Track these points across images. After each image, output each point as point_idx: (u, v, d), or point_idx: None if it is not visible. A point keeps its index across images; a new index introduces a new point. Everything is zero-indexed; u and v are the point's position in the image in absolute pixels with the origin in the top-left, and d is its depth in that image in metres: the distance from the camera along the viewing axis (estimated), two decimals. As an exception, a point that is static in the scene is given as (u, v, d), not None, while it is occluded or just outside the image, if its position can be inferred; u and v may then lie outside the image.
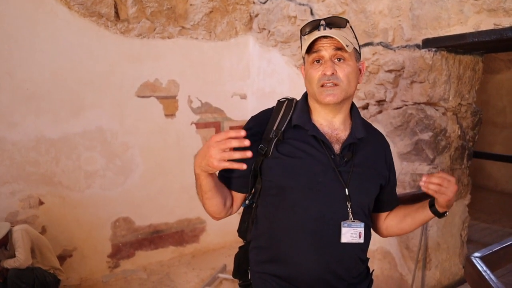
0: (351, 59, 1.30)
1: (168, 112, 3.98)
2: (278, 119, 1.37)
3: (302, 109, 1.38)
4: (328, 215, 1.30)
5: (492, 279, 1.48)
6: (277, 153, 1.32)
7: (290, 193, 1.32)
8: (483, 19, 2.35)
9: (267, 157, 1.34)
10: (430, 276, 3.03)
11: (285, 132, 1.35)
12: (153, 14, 3.75)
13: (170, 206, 4.11)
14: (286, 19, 3.82)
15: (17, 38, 3.20)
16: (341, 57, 1.28)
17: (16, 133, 3.28)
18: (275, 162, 1.33)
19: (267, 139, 1.34)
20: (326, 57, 1.28)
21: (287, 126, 1.36)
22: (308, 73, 1.33)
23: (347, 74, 1.28)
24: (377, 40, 3.00)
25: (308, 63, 1.33)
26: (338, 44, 1.26)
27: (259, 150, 1.34)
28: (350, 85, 1.30)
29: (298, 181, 1.30)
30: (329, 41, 1.27)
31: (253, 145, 1.32)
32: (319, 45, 1.28)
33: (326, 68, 1.27)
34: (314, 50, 1.29)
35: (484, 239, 4.40)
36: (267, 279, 1.38)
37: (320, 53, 1.28)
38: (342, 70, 1.28)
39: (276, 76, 4.11)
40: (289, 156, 1.32)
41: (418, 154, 2.87)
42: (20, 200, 3.35)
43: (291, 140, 1.34)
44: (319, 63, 1.29)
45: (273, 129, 1.35)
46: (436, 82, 2.75)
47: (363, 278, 1.43)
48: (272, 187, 1.35)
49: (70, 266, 3.63)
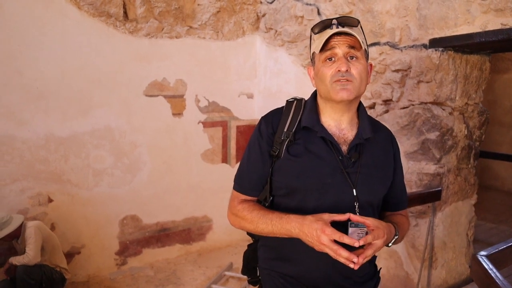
0: (362, 57, 1.31)
1: (175, 111, 4.01)
2: (288, 120, 1.38)
3: (311, 110, 1.39)
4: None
5: (498, 277, 1.49)
6: (288, 154, 1.34)
7: (298, 194, 1.33)
8: (490, 19, 2.35)
9: (279, 158, 1.35)
10: (436, 275, 3.03)
11: (295, 134, 1.36)
12: (161, 14, 3.78)
13: (177, 204, 4.14)
14: (293, 19, 3.83)
15: (26, 38, 3.24)
16: (354, 56, 1.28)
17: (26, 131, 3.32)
18: (286, 163, 1.34)
19: (279, 141, 1.35)
20: (340, 54, 1.28)
21: (297, 127, 1.37)
22: (320, 71, 1.32)
23: (359, 72, 1.28)
24: (384, 40, 3.01)
25: (320, 62, 1.32)
26: (351, 42, 1.27)
27: (271, 152, 1.36)
28: (362, 84, 1.31)
29: (307, 182, 1.32)
30: (343, 38, 1.27)
31: (268, 148, 1.38)
32: (332, 43, 1.28)
33: (341, 65, 1.26)
34: (327, 48, 1.29)
35: (490, 239, 4.39)
36: (275, 276, 1.40)
37: (334, 51, 1.28)
38: (355, 68, 1.28)
39: (283, 76, 4.13)
40: (299, 158, 1.33)
41: (424, 153, 2.88)
42: (29, 198, 3.39)
43: (301, 141, 1.35)
44: (332, 61, 1.29)
45: (284, 130, 1.36)
46: (443, 81, 2.75)
47: (370, 277, 1.44)
48: (281, 188, 1.37)
49: (78, 263, 3.67)
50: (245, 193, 1.44)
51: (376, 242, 1.21)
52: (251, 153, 1.43)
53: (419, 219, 2.95)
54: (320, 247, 1.20)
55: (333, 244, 1.17)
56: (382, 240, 1.23)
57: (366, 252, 1.19)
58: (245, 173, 1.44)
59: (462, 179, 3.08)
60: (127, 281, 3.70)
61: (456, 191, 3.04)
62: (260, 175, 1.41)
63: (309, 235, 1.21)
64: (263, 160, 1.39)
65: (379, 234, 1.22)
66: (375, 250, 1.22)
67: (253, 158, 1.42)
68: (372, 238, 1.20)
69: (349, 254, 1.15)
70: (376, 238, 1.21)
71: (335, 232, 1.17)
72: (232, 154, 4.42)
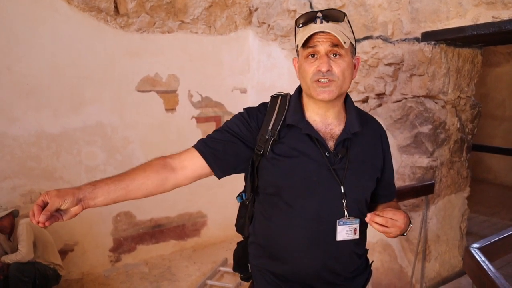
0: (347, 54, 1.26)
1: (168, 107, 3.99)
2: (273, 118, 1.34)
3: (295, 106, 1.36)
4: (323, 214, 1.30)
5: (490, 269, 1.50)
6: (273, 153, 1.31)
7: (286, 192, 1.32)
8: (482, 12, 2.35)
9: (264, 156, 1.33)
10: (430, 268, 3.05)
11: (280, 132, 1.33)
12: (152, 9, 3.75)
13: (171, 200, 4.12)
14: (286, 13, 3.81)
15: (16, 33, 3.20)
16: (337, 53, 1.24)
17: (16, 128, 3.29)
18: (271, 162, 1.32)
19: (263, 140, 1.32)
20: (322, 52, 1.24)
21: (282, 125, 1.33)
22: (302, 67, 1.29)
23: (342, 70, 1.25)
24: (376, 33, 3.00)
25: (302, 57, 1.29)
26: (334, 40, 1.22)
27: (256, 151, 1.33)
28: (345, 81, 1.27)
29: (294, 181, 1.30)
30: (326, 36, 1.23)
31: (250, 140, 1.34)
32: (315, 40, 1.24)
33: (321, 64, 1.23)
34: (309, 45, 1.25)
35: (483, 231, 4.42)
36: (265, 273, 1.40)
37: (316, 48, 1.24)
38: (338, 66, 1.24)
39: (276, 70, 4.11)
40: (285, 156, 1.31)
41: (417, 147, 2.89)
42: (21, 195, 3.36)
43: (286, 140, 1.32)
44: (314, 58, 1.26)
45: (269, 129, 1.32)
46: (435, 75, 2.75)
47: (361, 272, 1.43)
48: (268, 187, 1.36)
49: (71, 261, 3.66)
50: (200, 150, 1.33)
51: (398, 219, 1.22)
52: (227, 127, 1.37)
53: (413, 212, 2.97)
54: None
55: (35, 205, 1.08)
56: (402, 217, 1.24)
57: (385, 214, 1.22)
58: (215, 138, 1.35)
59: (455, 172, 3.09)
60: (122, 278, 3.70)
61: (449, 184, 3.06)
62: (225, 147, 1.32)
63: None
64: (233, 139, 1.33)
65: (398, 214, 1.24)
66: (392, 222, 1.22)
67: (227, 131, 1.35)
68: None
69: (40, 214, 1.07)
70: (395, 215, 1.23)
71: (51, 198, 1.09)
72: (226, 149, 4.40)
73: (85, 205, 1.16)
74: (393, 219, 1.22)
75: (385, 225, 1.22)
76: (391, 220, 1.22)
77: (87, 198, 1.16)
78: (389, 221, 1.22)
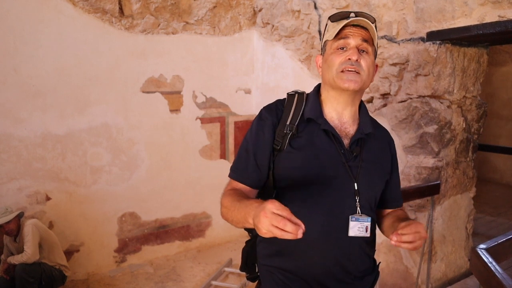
0: (372, 54, 1.33)
1: (173, 108, 4.00)
2: (291, 113, 1.38)
3: (314, 102, 1.39)
4: (337, 209, 1.31)
5: (497, 270, 1.49)
6: (290, 147, 1.33)
7: (300, 185, 1.32)
8: (488, 11, 2.34)
9: (281, 151, 1.34)
10: (436, 268, 3.04)
11: (298, 126, 1.35)
12: (157, 10, 3.76)
13: (176, 201, 4.13)
14: (290, 13, 3.81)
15: (22, 35, 3.22)
16: (365, 49, 1.30)
17: (22, 130, 3.30)
18: (288, 156, 1.33)
19: (281, 134, 1.34)
20: (352, 44, 1.29)
21: (300, 119, 1.36)
22: (329, 58, 1.33)
23: (368, 65, 1.30)
24: (381, 33, 2.99)
25: (331, 49, 1.33)
26: (365, 36, 1.29)
27: (274, 146, 1.35)
28: (368, 77, 1.32)
29: (309, 175, 1.31)
30: (358, 31, 1.29)
31: (269, 137, 1.36)
32: (347, 32, 1.30)
33: (352, 53, 1.28)
34: (341, 36, 1.31)
35: (489, 232, 4.39)
36: (274, 272, 1.39)
37: (348, 40, 1.30)
38: (365, 60, 1.30)
39: (281, 71, 4.11)
40: (301, 150, 1.32)
41: (423, 147, 2.87)
42: (27, 196, 3.38)
43: (303, 134, 1.34)
44: (343, 50, 1.30)
45: (287, 123, 1.35)
46: (440, 75, 2.74)
47: (370, 271, 1.43)
48: (282, 180, 1.36)
49: (77, 261, 3.67)
50: (239, 180, 1.39)
51: (422, 232, 1.17)
52: (250, 140, 1.40)
53: (418, 213, 2.95)
54: (260, 225, 1.02)
55: (277, 208, 1.00)
56: (422, 227, 1.18)
57: (407, 231, 1.16)
58: (243, 159, 1.39)
59: (461, 172, 3.07)
60: (127, 278, 3.70)
61: (455, 184, 3.04)
62: (258, 163, 1.37)
63: (256, 214, 1.05)
64: (263, 148, 1.37)
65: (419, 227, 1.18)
66: (418, 236, 1.16)
67: (252, 145, 1.38)
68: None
69: (296, 221, 1.00)
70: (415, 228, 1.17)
71: (281, 207, 1.02)
72: (230, 150, 4.41)
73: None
74: (417, 232, 1.18)
75: (413, 241, 1.18)
76: (416, 234, 1.18)
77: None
78: (416, 235, 1.17)
